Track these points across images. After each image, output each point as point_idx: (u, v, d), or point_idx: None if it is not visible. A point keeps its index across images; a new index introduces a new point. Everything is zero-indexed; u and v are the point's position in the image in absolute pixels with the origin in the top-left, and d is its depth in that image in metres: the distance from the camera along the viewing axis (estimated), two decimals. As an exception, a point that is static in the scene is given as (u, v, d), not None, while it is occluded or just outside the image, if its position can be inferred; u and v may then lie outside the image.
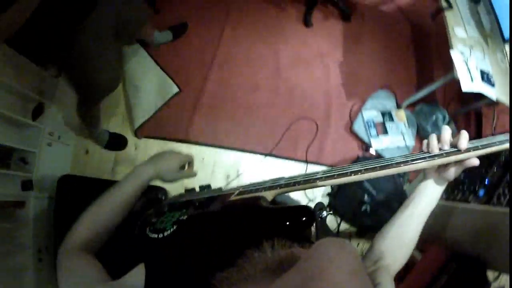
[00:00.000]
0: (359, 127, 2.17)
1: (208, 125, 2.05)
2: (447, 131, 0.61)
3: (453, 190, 1.88)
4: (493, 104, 1.98)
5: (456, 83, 1.67)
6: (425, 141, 0.63)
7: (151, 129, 2.00)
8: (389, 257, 0.68)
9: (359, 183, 1.96)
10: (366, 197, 1.98)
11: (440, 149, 0.60)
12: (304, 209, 0.53)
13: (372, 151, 2.16)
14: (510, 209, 1.45)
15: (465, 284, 1.67)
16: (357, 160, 2.07)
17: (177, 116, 2.04)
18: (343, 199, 2.03)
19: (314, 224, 0.53)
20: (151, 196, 0.81)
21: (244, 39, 2.27)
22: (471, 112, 2.35)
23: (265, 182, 0.67)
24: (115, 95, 1.99)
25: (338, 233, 2.06)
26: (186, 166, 0.86)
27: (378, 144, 2.15)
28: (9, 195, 1.50)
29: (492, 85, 1.74)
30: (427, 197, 0.69)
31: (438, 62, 2.50)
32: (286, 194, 1.22)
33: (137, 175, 0.74)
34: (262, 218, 0.55)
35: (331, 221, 2.07)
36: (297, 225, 0.51)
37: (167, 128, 2.01)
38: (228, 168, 2.05)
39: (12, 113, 1.49)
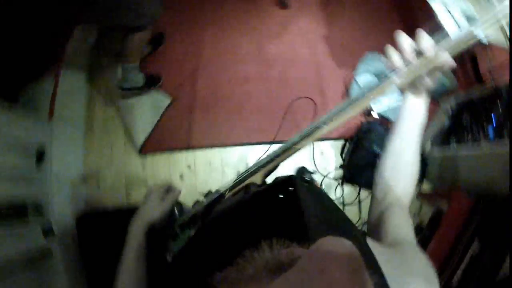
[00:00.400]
0: (356, 94, 2.15)
1: (207, 127, 2.05)
2: (402, 37, 0.55)
3: (462, 134, 1.88)
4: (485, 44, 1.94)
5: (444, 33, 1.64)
6: (383, 59, 0.57)
7: (153, 145, 2.00)
8: (395, 188, 0.65)
9: (367, 148, 1.96)
10: (377, 160, 1.97)
11: (403, 60, 0.55)
12: (287, 179, 0.53)
13: (374, 114, 2.15)
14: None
15: (495, 223, 1.69)
16: (361, 126, 2.06)
17: (176, 126, 2.04)
18: (355, 167, 2.03)
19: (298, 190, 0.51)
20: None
21: (225, 35, 2.26)
22: (464, 57, 2.31)
23: (249, 168, 0.67)
24: (111, 121, 2.00)
25: (359, 202, 2.06)
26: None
27: (378, 106, 2.14)
28: (34, 247, 1.51)
29: (479, 26, 1.71)
30: (411, 114, 0.65)
31: (423, 17, 2.45)
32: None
33: (131, 236, 0.76)
34: (254, 206, 0.55)
35: (351, 191, 2.08)
36: (289, 194, 0.51)
37: (169, 140, 2.02)
38: (237, 164, 2.05)
39: (15, 168, 1.51)
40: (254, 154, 2.06)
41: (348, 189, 2.08)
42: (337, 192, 2.06)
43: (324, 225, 0.42)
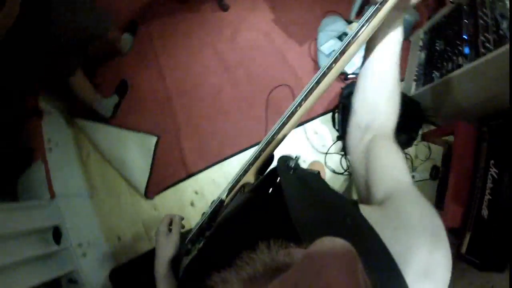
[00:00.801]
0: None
1: (199, 150, 2.08)
2: None
3: (442, 65, 1.84)
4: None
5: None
6: None
7: (156, 185, 2.04)
8: (378, 117, 0.60)
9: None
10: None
11: None
12: (274, 171, 0.52)
13: (351, 76, 2.12)
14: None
15: (504, 142, 1.64)
16: (342, 92, 2.04)
17: (170, 160, 2.08)
18: (352, 134, 2.00)
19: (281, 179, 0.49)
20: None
21: (181, 58, 2.28)
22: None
23: (241, 168, 0.65)
24: (109, 175, 2.06)
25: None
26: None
27: (351, 67, 2.10)
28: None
29: None
30: (393, 36, 0.59)
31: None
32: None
33: (158, 280, 0.78)
34: (248, 206, 0.54)
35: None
36: (278, 187, 0.49)
37: (169, 175, 2.05)
38: (239, 173, 2.06)
39: (37, 252, 1.59)
40: (252, 157, 2.07)
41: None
42: (343, 164, 2.05)
43: (313, 221, 0.41)
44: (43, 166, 1.87)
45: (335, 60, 0.54)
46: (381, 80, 0.60)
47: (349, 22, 2.20)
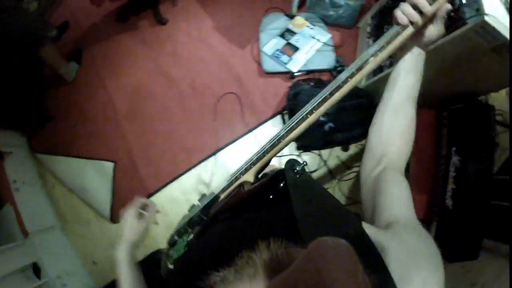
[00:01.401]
0: (270, 65, 2.04)
1: (155, 169, 2.10)
2: None
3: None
4: None
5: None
6: (399, 15, 0.60)
7: (120, 208, 2.09)
8: (392, 150, 0.63)
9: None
10: (320, 117, 1.86)
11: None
12: (277, 175, 0.51)
13: (297, 74, 2.03)
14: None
15: (470, 120, 1.56)
16: (288, 94, 1.96)
17: (129, 182, 2.11)
18: (306, 135, 1.95)
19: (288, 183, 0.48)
20: None
21: (126, 79, 2.28)
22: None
23: (241, 166, 0.66)
24: (75, 204, 2.15)
25: (326, 164, 2.00)
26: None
27: (297, 64, 2.01)
28: None
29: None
30: (414, 70, 0.64)
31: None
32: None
33: (117, 262, 0.78)
34: (247, 206, 0.54)
35: (312, 157, 2.01)
36: (279, 192, 0.50)
37: (130, 197, 2.06)
38: (196, 186, 2.07)
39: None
40: (207, 170, 2.07)
41: (307, 157, 2.02)
42: (299, 165, 2.01)
43: (316, 225, 0.40)
44: (12, 208, 1.97)
45: (352, 75, 0.57)
46: (397, 117, 0.64)
47: (291, 16, 2.08)
